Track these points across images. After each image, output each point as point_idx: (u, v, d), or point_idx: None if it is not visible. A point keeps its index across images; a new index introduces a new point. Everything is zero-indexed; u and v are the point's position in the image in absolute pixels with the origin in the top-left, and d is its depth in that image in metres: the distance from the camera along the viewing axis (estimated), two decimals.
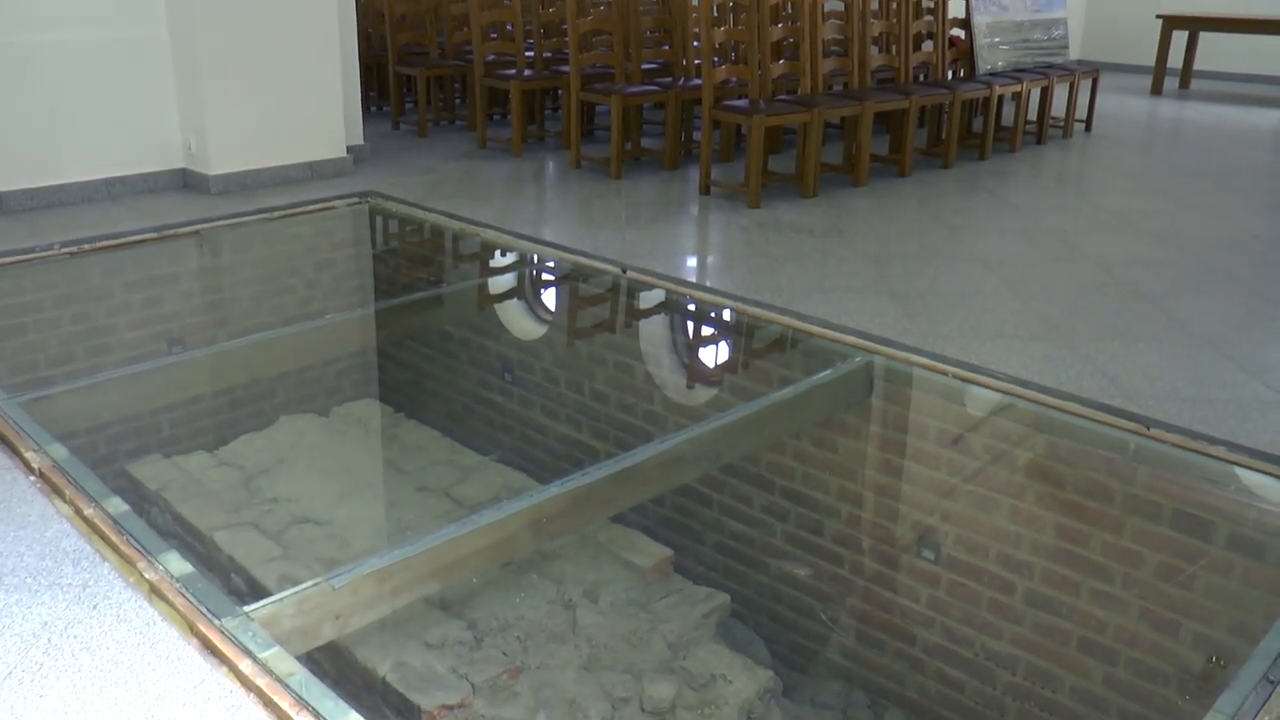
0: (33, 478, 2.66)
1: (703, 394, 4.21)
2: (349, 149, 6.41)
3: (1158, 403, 3.30)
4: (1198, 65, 11.11)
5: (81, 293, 4.73)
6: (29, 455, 2.73)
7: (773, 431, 3.54)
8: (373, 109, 8.45)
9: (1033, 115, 7.90)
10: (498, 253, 5.25)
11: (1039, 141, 7.79)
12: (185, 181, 5.94)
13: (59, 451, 2.76)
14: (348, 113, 6.41)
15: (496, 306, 5.05)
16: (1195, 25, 10.71)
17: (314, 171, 6.16)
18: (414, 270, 5.51)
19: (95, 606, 2.15)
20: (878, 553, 3.42)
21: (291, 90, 5.99)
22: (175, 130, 5.89)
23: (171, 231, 5.14)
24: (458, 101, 8.56)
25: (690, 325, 4.64)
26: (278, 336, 4.32)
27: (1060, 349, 3.76)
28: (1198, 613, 2.80)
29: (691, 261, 4.94)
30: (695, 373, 4.32)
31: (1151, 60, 10.81)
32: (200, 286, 5.16)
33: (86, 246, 4.86)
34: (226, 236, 5.33)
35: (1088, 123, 8.35)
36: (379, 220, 5.81)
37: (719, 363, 4.49)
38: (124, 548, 2.31)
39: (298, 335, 4.41)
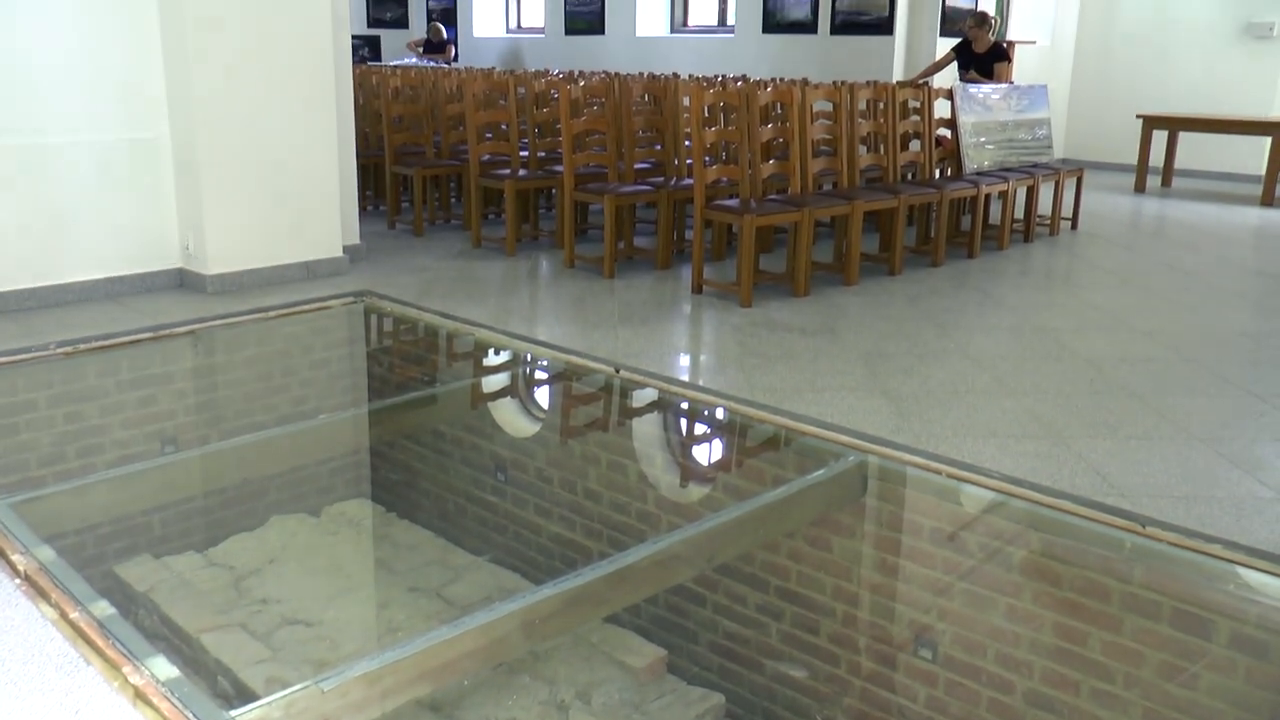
0: (18, 581, 2.63)
1: (696, 493, 4.19)
2: (345, 249, 6.47)
3: (1152, 500, 3.30)
4: (1179, 164, 11.31)
5: (76, 393, 4.73)
6: (15, 558, 2.70)
7: (767, 531, 3.52)
8: (369, 208, 8.56)
9: (1020, 213, 8.01)
10: (491, 352, 5.27)
11: (1026, 239, 7.89)
12: (182, 281, 5.99)
13: (46, 554, 2.73)
14: (344, 213, 6.49)
15: (490, 406, 5.05)
16: (1174, 125, 10.94)
17: (310, 271, 6.21)
18: (407, 369, 5.52)
19: (78, 712, 2.11)
20: (874, 652, 3.37)
21: (290, 191, 6.07)
22: (174, 230, 5.96)
23: (167, 331, 5.16)
24: (453, 201, 8.68)
25: (683, 424, 4.64)
26: (270, 436, 4.31)
27: (1053, 447, 3.77)
28: (1200, 712, 2.76)
29: (684, 361, 4.97)
30: (689, 472, 4.31)
31: (1134, 159, 11.00)
32: (194, 386, 5.16)
33: (82, 346, 4.87)
34: (221, 336, 5.35)
35: (1074, 220, 8.47)
36: (373, 319, 5.84)
37: (712, 462, 4.48)
38: (109, 651, 2.27)
39: (290, 435, 4.40)
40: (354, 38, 11.28)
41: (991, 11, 10.91)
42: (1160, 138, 11.03)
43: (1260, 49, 11.61)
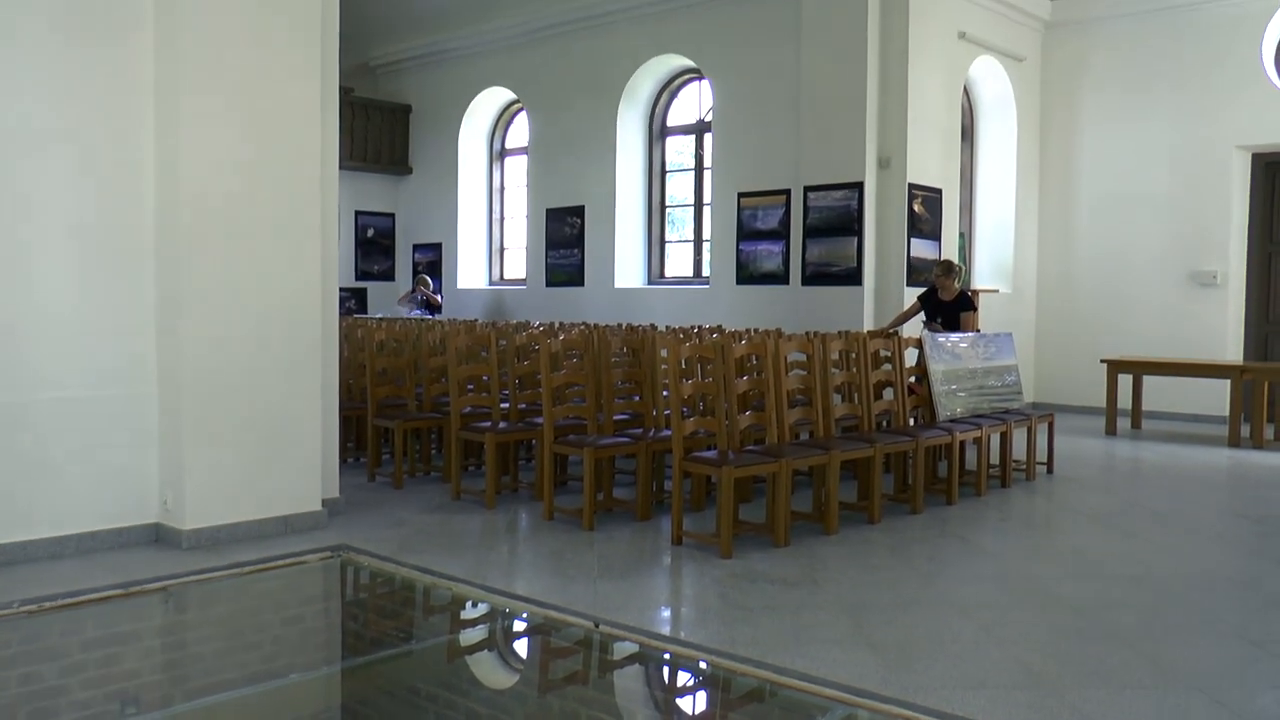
0: None
1: None
2: (324, 502, 6.45)
3: None
4: (1146, 406, 11.57)
5: (37, 653, 4.59)
6: None
7: None
8: (349, 460, 8.58)
9: (995, 459, 8.10)
10: (469, 606, 5.18)
11: (1003, 485, 7.95)
12: (158, 536, 5.93)
13: None
14: (325, 466, 6.51)
15: (467, 662, 4.92)
16: (1137, 369, 11.24)
17: (288, 526, 6.17)
18: (384, 625, 5.40)
19: None
20: None
21: (272, 447, 6.11)
22: (153, 486, 5.94)
23: (138, 588, 5.06)
24: (434, 453, 8.72)
25: (665, 679, 4.52)
26: (239, 696, 4.16)
27: (1045, 697, 3.68)
28: None
29: (665, 614, 4.89)
30: None
31: (1102, 402, 11.24)
32: (162, 644, 5.01)
33: (47, 605, 4.76)
34: (194, 592, 5.25)
35: (1049, 465, 8.56)
36: (350, 574, 5.75)
37: (696, 716, 4.34)
38: None
39: (260, 695, 4.26)
40: (342, 290, 11.64)
41: (956, 260, 11.37)
42: (1126, 380, 11.31)
43: (1207, 295, 12.10)
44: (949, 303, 9.49)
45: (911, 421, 7.66)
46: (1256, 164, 12.08)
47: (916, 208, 11.00)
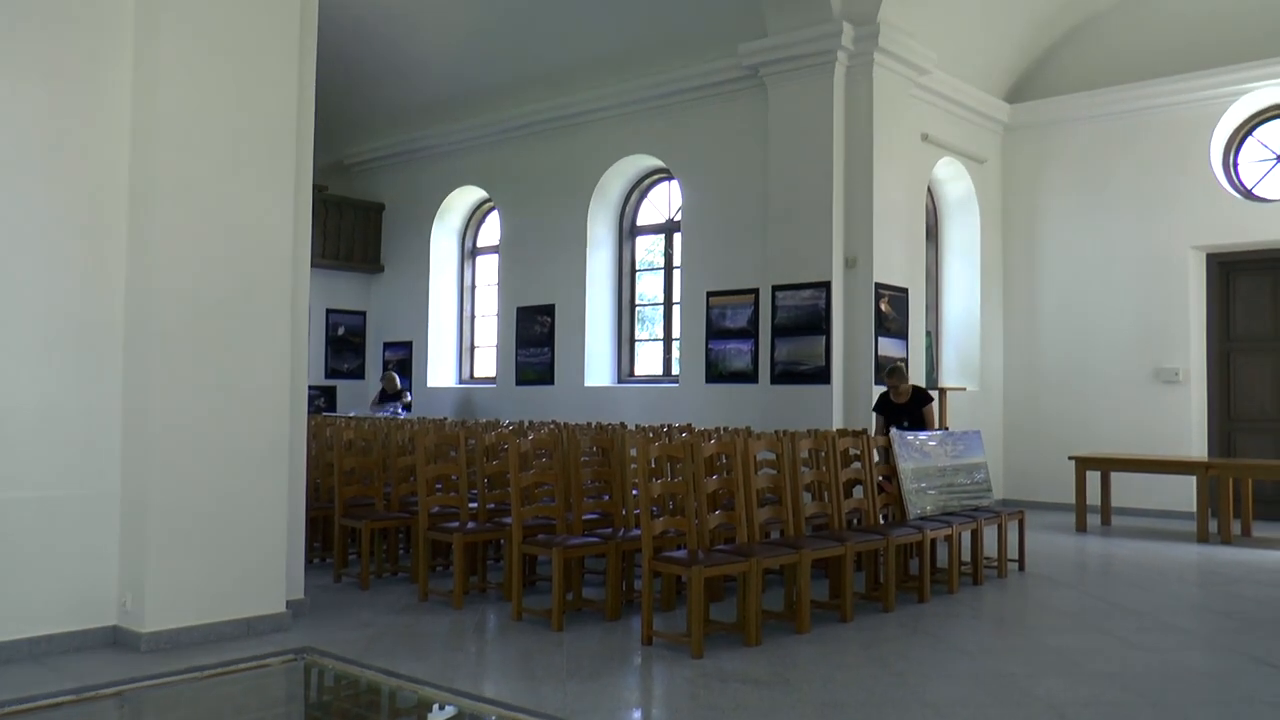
0: None
1: None
2: (289, 603, 6.33)
3: None
4: (1115, 502, 11.62)
5: None
6: None
7: None
8: (315, 561, 8.46)
9: (967, 556, 8.07)
10: (436, 709, 5.07)
11: (975, 582, 7.92)
12: (115, 639, 5.79)
13: None
14: (290, 567, 6.41)
15: None
16: (1104, 466, 11.31)
17: (250, 628, 6.04)
18: None
19: None
20: None
21: (236, 546, 6.02)
22: (112, 587, 5.82)
23: (91, 694, 4.93)
24: (401, 553, 8.61)
25: None
26: None
27: None
28: None
29: (636, 715, 4.81)
30: None
31: (1072, 498, 11.28)
32: None
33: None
34: (150, 698, 5.12)
35: (1020, 561, 8.55)
36: (314, 677, 5.64)
37: None
38: None
39: None
40: (311, 388, 11.59)
41: (911, 360, 11.48)
42: (1095, 476, 11.37)
43: (1171, 392, 12.26)
44: (907, 404, 9.59)
45: (882, 519, 7.65)
46: (1211, 264, 12.34)
47: (883, 306, 11.14)
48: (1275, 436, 11.98)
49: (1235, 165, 12.36)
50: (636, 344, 14.02)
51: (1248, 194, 12.18)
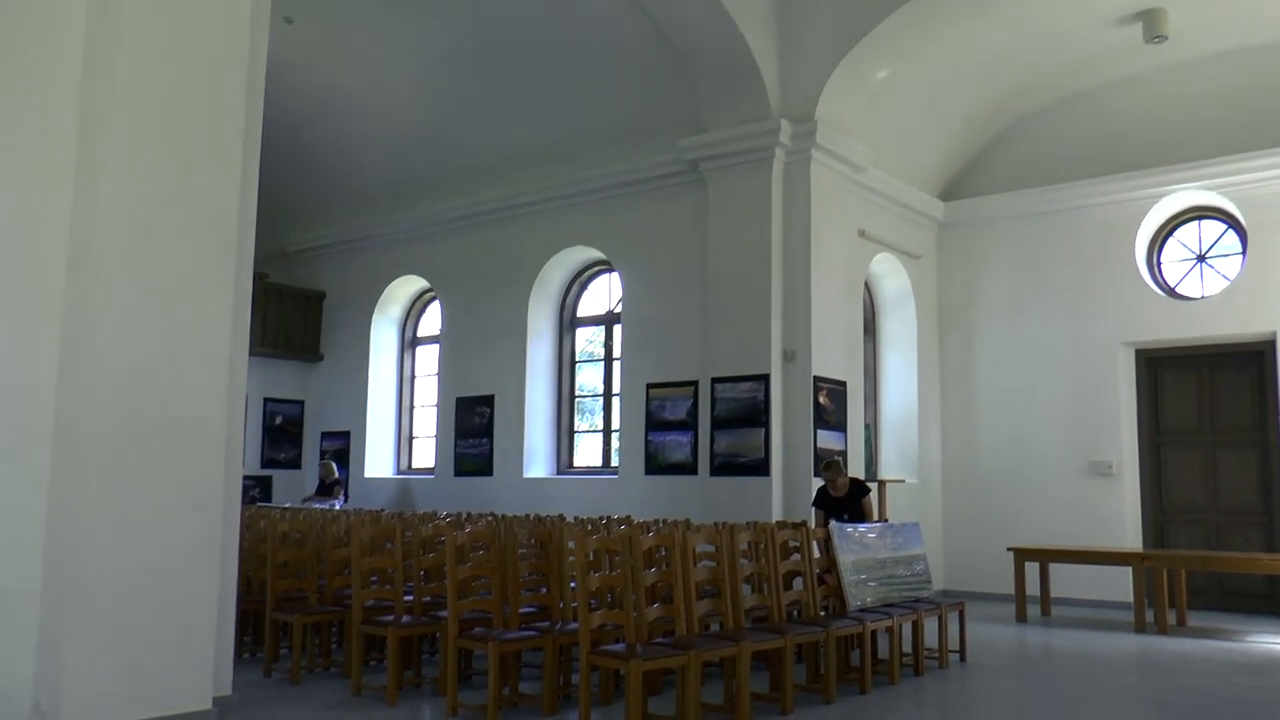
0: None
1: None
2: (216, 700, 6.13)
3: None
4: (1055, 592, 11.67)
5: None
6: None
7: None
8: (245, 656, 8.23)
9: (908, 647, 8.05)
10: None
11: (917, 673, 7.89)
12: None
13: None
14: (219, 662, 6.22)
15: None
16: (1043, 557, 11.40)
17: None
18: None
19: None
20: None
21: (162, 641, 5.82)
22: (25, 687, 5.59)
23: None
24: (334, 647, 8.41)
25: None
26: None
27: None
28: None
29: None
30: None
31: (1011, 589, 11.33)
32: None
33: None
34: None
35: (961, 652, 8.54)
36: None
37: None
38: None
39: None
40: (246, 478, 11.37)
41: (850, 453, 11.57)
42: (1034, 567, 11.45)
43: (1106, 484, 12.46)
44: (845, 496, 9.64)
45: (822, 611, 7.62)
46: (1140, 359, 12.65)
47: (822, 400, 11.23)
48: (1206, 528, 12.17)
49: (1159, 265, 12.77)
50: (576, 435, 13.99)
51: (1171, 292, 12.56)
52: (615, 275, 13.34)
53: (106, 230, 5.81)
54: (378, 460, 15.69)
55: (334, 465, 14.80)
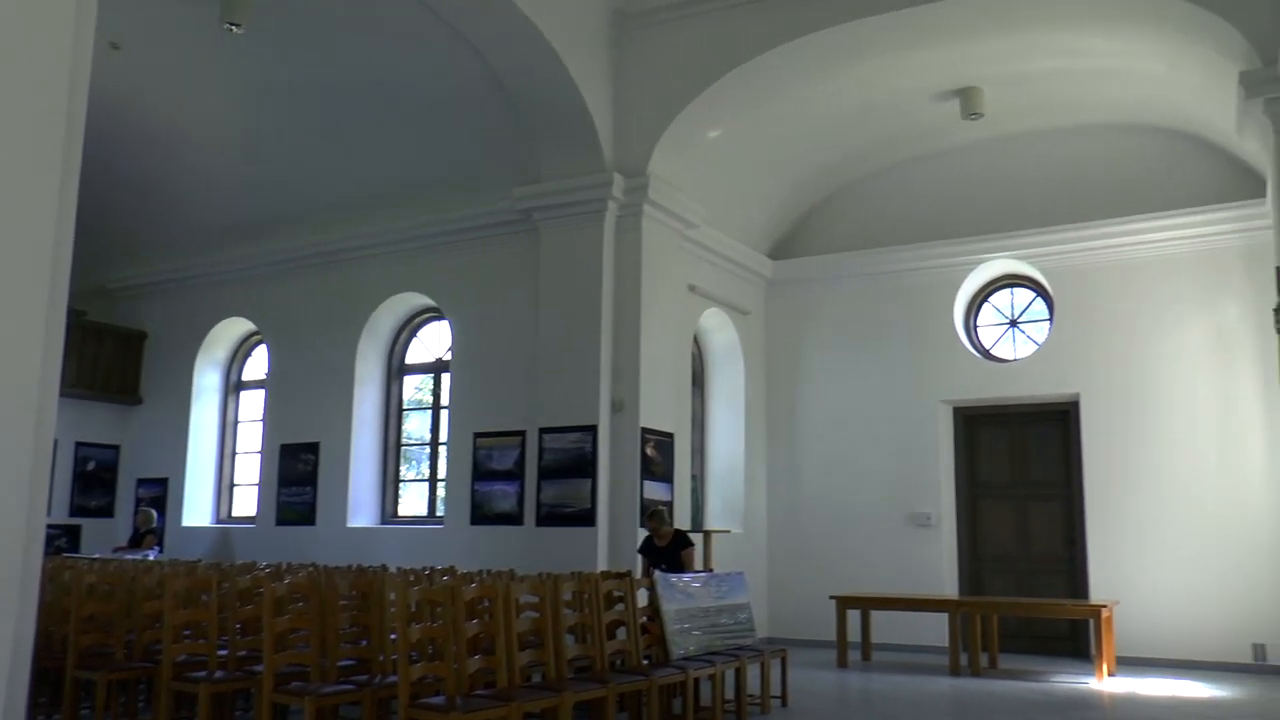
0: None
1: None
2: None
3: None
4: (876, 638, 12.06)
5: None
6: None
7: None
8: (42, 717, 7.79)
9: (731, 694, 8.19)
10: None
11: (740, 719, 8.04)
12: None
13: None
14: None
15: None
16: (864, 604, 11.80)
17: None
18: None
19: None
20: None
21: None
22: None
23: None
24: (142, 706, 8.03)
25: None
26: None
27: None
28: None
29: None
30: None
31: (834, 635, 11.64)
32: None
33: None
34: None
35: (783, 698, 8.73)
36: None
37: None
38: None
39: None
40: (51, 527, 10.79)
41: (676, 503, 11.73)
42: (856, 615, 11.82)
43: (925, 535, 13.00)
44: (668, 546, 9.79)
45: (646, 660, 7.70)
46: (958, 416, 13.31)
47: (649, 451, 11.37)
48: (1017, 575, 12.81)
49: (975, 328, 13.50)
50: (401, 484, 13.78)
51: (986, 354, 13.31)
52: (446, 323, 13.23)
53: None
54: (196, 508, 15.08)
55: (153, 513, 14.15)
